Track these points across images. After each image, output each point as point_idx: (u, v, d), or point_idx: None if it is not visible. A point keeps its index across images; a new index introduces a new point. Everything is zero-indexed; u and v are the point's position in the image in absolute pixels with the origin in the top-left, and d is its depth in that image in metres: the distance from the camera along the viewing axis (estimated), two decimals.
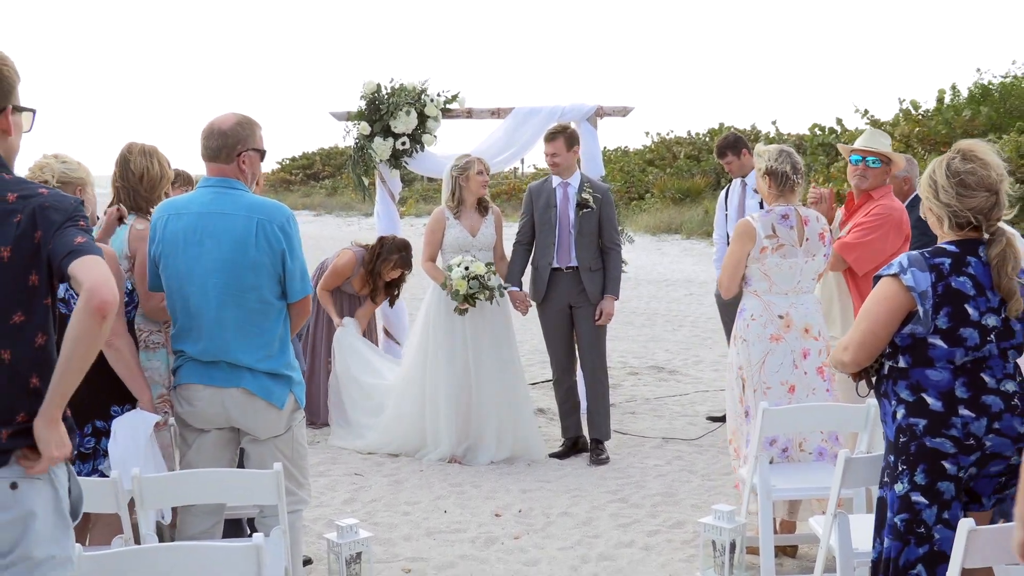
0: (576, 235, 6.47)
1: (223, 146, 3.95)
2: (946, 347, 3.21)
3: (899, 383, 3.29)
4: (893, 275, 3.22)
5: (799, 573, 4.81)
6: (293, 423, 4.10)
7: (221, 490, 3.86)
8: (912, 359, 3.25)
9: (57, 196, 2.54)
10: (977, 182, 3.21)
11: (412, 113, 7.75)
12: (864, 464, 3.98)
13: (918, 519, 3.23)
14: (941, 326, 3.19)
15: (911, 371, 3.26)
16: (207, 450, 4.06)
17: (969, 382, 3.22)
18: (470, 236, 6.57)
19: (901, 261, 3.23)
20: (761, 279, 4.96)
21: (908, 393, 3.27)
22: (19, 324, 2.44)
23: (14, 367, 2.44)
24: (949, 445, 3.22)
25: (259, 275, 3.92)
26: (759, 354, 4.94)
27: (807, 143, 22.90)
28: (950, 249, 3.24)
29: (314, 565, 4.98)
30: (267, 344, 3.98)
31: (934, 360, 3.23)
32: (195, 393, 3.99)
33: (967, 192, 3.21)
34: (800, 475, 4.85)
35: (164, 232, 3.97)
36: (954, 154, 3.28)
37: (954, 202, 3.22)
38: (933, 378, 3.24)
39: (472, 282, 6.28)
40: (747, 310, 5.01)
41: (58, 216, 2.47)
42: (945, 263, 3.20)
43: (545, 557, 5.13)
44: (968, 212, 3.21)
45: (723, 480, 6.25)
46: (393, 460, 6.79)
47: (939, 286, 3.18)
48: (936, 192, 3.26)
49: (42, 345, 2.48)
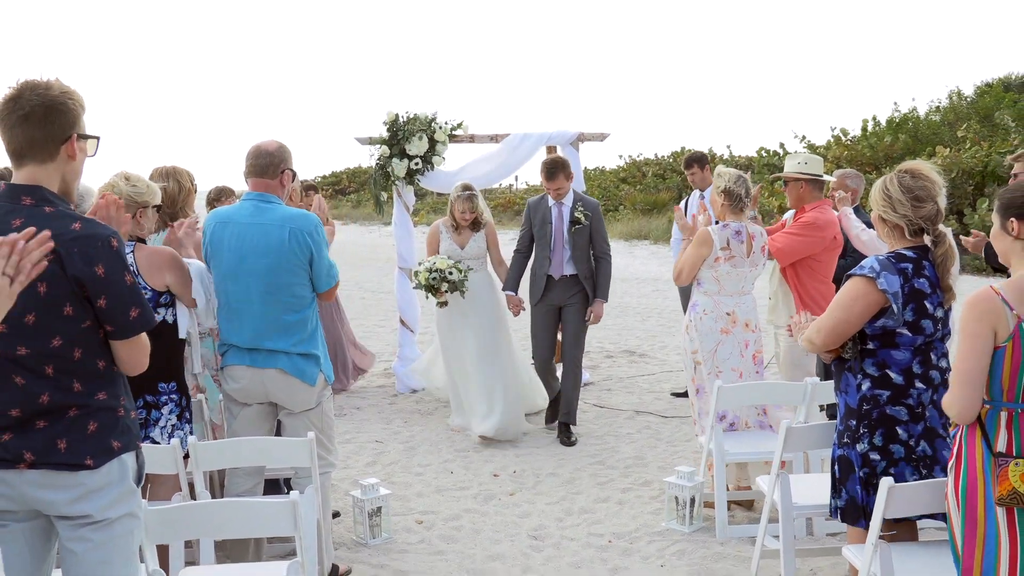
0: (572, 249, 6.23)
1: (269, 164, 3.94)
2: (910, 335, 3.23)
3: (866, 360, 3.29)
4: (867, 278, 3.21)
5: (748, 523, 4.80)
6: (323, 398, 4.08)
7: (262, 455, 3.85)
8: (880, 343, 3.26)
9: (86, 236, 2.38)
10: (926, 195, 3.24)
11: (424, 138, 7.73)
12: (802, 432, 3.98)
13: (875, 473, 3.24)
14: (907, 319, 3.21)
15: (878, 351, 3.27)
16: (249, 421, 4.04)
17: (922, 360, 3.26)
18: (459, 248, 6.47)
19: (872, 265, 3.22)
20: (712, 282, 4.98)
21: (874, 369, 3.28)
22: (58, 346, 2.39)
23: (57, 379, 2.40)
24: (904, 413, 3.25)
25: (292, 274, 3.90)
26: (711, 343, 4.97)
27: (755, 163, 22.92)
28: (910, 255, 3.25)
29: (341, 517, 4.96)
30: (299, 331, 3.95)
31: (900, 344, 3.25)
32: (239, 373, 3.97)
33: (919, 204, 3.23)
34: (748, 442, 4.86)
35: (212, 238, 3.96)
36: (903, 173, 3.30)
37: (910, 212, 3.23)
38: (897, 357, 3.25)
39: (433, 274, 6.22)
40: (699, 306, 5.03)
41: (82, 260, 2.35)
42: (908, 267, 3.21)
43: (535, 510, 5.12)
44: (920, 220, 3.24)
45: (685, 446, 6.24)
46: (408, 429, 6.77)
47: (906, 287, 3.20)
48: (893, 206, 3.26)
49: (79, 359, 2.41)
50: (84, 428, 2.41)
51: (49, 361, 2.39)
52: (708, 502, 4.89)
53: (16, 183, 2.42)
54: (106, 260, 2.39)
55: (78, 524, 2.42)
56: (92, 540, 2.41)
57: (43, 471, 2.39)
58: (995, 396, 2.74)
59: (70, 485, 2.40)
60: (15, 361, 2.37)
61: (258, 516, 3.07)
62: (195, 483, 3.73)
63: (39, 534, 2.47)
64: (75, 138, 2.42)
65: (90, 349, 2.43)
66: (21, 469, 2.38)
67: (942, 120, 21.52)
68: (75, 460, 2.39)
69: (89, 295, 2.39)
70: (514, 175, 10.03)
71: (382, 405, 7.53)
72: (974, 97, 22.86)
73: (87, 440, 2.41)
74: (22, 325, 2.36)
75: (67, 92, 2.41)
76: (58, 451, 2.39)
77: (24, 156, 2.40)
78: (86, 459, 2.40)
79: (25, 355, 2.38)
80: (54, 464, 2.38)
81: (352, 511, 4.77)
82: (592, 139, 7.96)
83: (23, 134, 2.37)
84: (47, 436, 2.39)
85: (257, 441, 3.84)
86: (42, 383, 2.39)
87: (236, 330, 3.95)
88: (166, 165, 4.50)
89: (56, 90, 2.39)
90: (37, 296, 2.36)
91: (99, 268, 2.38)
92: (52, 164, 2.42)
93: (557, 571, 4.33)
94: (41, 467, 2.38)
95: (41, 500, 2.41)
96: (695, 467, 4.95)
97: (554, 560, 4.45)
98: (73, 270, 2.36)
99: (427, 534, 4.81)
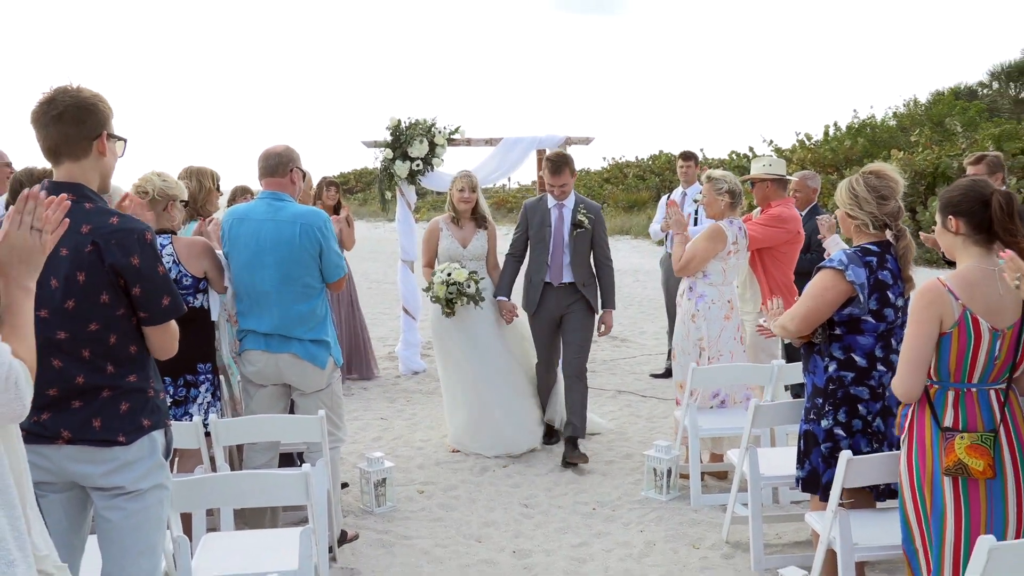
0: (572, 254, 5.35)
1: (279, 163, 3.95)
2: (874, 322, 3.24)
3: (833, 345, 3.31)
4: (836, 270, 3.22)
5: (720, 492, 4.82)
6: (332, 380, 4.07)
7: (277, 431, 3.86)
8: (847, 329, 3.28)
9: (123, 230, 2.39)
10: (890, 193, 3.26)
11: (424, 142, 7.71)
12: (769, 410, 4.00)
13: (838, 447, 3.26)
14: (872, 308, 3.22)
15: (845, 337, 3.28)
16: (265, 400, 4.04)
17: (884, 345, 3.27)
18: (461, 247, 5.53)
19: (841, 259, 3.23)
20: (719, 274, 4.97)
21: (840, 353, 3.29)
22: (95, 331, 2.39)
23: (93, 361, 2.41)
24: (866, 392, 3.28)
25: (303, 266, 3.89)
26: (716, 330, 4.95)
27: (726, 165, 22.90)
28: (874, 249, 3.26)
29: (349, 487, 4.96)
30: (310, 319, 3.95)
31: (864, 330, 3.26)
32: (255, 357, 3.96)
33: (884, 201, 3.25)
34: (720, 418, 4.88)
35: (230, 233, 3.95)
36: (868, 174, 3.31)
37: (875, 210, 3.25)
38: (861, 342, 3.27)
39: (451, 288, 5.34)
40: (707, 296, 4.95)
41: (119, 250, 2.37)
42: (873, 260, 3.23)
43: (526, 481, 5.13)
44: (884, 216, 3.26)
45: (662, 422, 6.25)
46: (411, 407, 6.76)
47: (871, 278, 3.21)
48: (859, 204, 3.27)
49: (114, 344, 2.42)
50: (116, 408, 2.41)
51: (86, 345, 2.39)
52: (684, 473, 4.91)
53: (57, 180, 2.42)
54: (141, 252, 2.40)
55: (112, 495, 2.43)
56: (126, 509, 2.42)
57: (79, 447, 2.39)
58: (943, 377, 2.76)
59: (104, 460, 2.40)
60: (55, 345, 2.37)
61: (274, 487, 3.07)
62: (216, 457, 3.74)
63: (76, 503, 2.48)
64: (105, 136, 2.42)
65: (124, 334, 2.43)
66: (59, 445, 2.39)
67: (897, 125, 21.53)
68: (109, 437, 2.40)
69: (125, 283, 2.40)
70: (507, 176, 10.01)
71: (387, 385, 7.53)
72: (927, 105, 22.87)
73: (119, 419, 2.41)
74: (63, 311, 2.37)
75: (96, 95, 2.42)
76: (93, 429, 2.39)
77: (60, 154, 2.39)
78: (119, 436, 2.40)
79: (64, 339, 2.38)
80: (89, 441, 2.39)
81: (359, 482, 4.77)
82: (578, 143, 7.93)
83: (57, 132, 2.36)
84: (82, 415, 2.39)
85: (272, 419, 3.84)
86: (78, 365, 2.39)
87: (253, 318, 3.94)
88: (194, 165, 4.51)
89: (88, 93, 2.40)
90: (77, 284, 2.37)
91: (135, 259, 2.39)
92: (87, 161, 2.41)
93: (546, 536, 4.35)
94: (77, 443, 2.39)
95: (77, 473, 2.41)
96: (671, 441, 4.97)
97: (543, 526, 4.47)
98: (111, 259, 2.37)
99: (427, 503, 4.82)
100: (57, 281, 2.37)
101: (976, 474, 2.68)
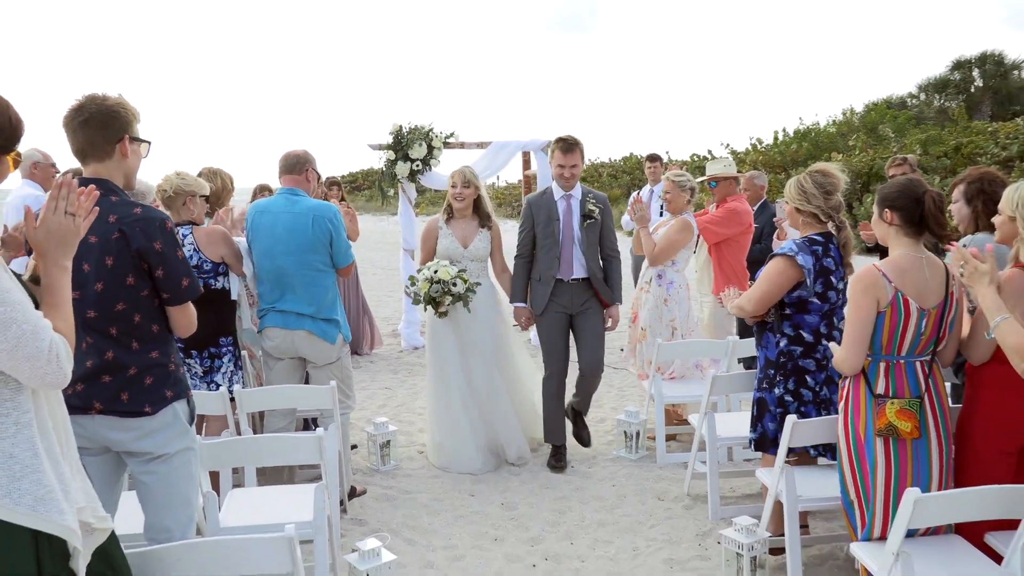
0: (585, 247, 4.50)
1: (296, 163, 3.96)
2: (819, 303, 3.25)
3: (784, 323, 3.31)
4: (789, 256, 3.22)
5: (681, 452, 4.84)
6: (342, 353, 4.06)
7: (294, 399, 3.84)
8: (795, 309, 3.28)
9: (146, 218, 2.37)
10: (834, 188, 3.26)
11: (423, 145, 7.68)
12: (725, 380, 4.01)
13: (787, 412, 3.28)
14: (817, 291, 3.23)
15: (794, 316, 3.29)
16: (283, 372, 4.02)
17: (827, 323, 3.28)
18: (461, 247, 4.59)
19: (791, 247, 3.23)
20: (684, 261, 4.98)
21: (790, 330, 3.30)
22: (121, 310, 2.37)
23: (119, 338, 2.38)
24: (812, 364, 3.29)
25: (316, 252, 3.88)
26: (685, 311, 4.95)
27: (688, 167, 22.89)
28: (819, 239, 3.26)
29: (358, 449, 4.96)
30: (322, 299, 3.93)
31: (811, 311, 3.26)
32: (273, 333, 3.95)
33: (829, 196, 3.25)
34: (683, 387, 4.89)
35: (253, 224, 3.94)
36: (815, 172, 3.31)
37: (822, 203, 3.24)
38: (808, 321, 3.27)
39: (435, 286, 4.37)
40: (676, 283, 4.92)
41: (143, 236, 2.34)
42: (819, 249, 3.24)
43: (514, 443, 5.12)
44: (829, 209, 3.25)
45: (632, 391, 6.27)
46: (412, 378, 6.75)
47: (817, 265, 3.21)
48: (807, 198, 3.26)
49: (138, 323, 2.39)
50: (142, 382, 2.40)
51: (113, 323, 2.37)
52: (650, 435, 4.93)
53: (86, 176, 2.39)
54: (163, 237, 2.38)
55: (145, 460, 2.42)
56: (158, 472, 2.43)
57: (110, 417, 2.38)
58: (876, 351, 2.77)
59: (133, 428, 2.39)
60: (86, 324, 2.35)
61: (291, 448, 3.07)
62: (240, 422, 3.72)
63: (110, 466, 2.47)
64: (127, 140, 2.38)
65: (148, 314, 2.41)
66: (92, 415, 2.38)
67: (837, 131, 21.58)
68: (136, 408, 2.39)
69: (149, 267, 2.38)
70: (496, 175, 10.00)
71: (391, 358, 7.51)
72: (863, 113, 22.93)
73: (145, 391, 2.40)
74: (93, 292, 2.35)
75: (121, 103, 2.38)
76: (122, 401, 2.38)
77: (87, 155, 2.37)
78: (145, 407, 2.39)
79: (93, 318, 2.37)
80: (119, 412, 2.38)
81: (367, 444, 4.77)
82: None
83: (84, 136, 2.34)
84: (112, 389, 2.38)
85: (289, 388, 3.82)
86: (107, 342, 2.38)
87: (274, 297, 3.93)
88: (212, 167, 4.51)
89: (112, 101, 2.36)
90: (105, 268, 2.35)
91: (157, 244, 2.37)
92: (110, 162, 2.38)
93: (531, 491, 4.35)
94: (108, 414, 2.38)
95: (110, 439, 2.40)
96: (640, 407, 4.98)
97: (529, 483, 4.48)
98: (136, 244, 2.35)
99: (427, 461, 4.81)
100: (89, 265, 2.35)
101: (904, 435, 2.70)
